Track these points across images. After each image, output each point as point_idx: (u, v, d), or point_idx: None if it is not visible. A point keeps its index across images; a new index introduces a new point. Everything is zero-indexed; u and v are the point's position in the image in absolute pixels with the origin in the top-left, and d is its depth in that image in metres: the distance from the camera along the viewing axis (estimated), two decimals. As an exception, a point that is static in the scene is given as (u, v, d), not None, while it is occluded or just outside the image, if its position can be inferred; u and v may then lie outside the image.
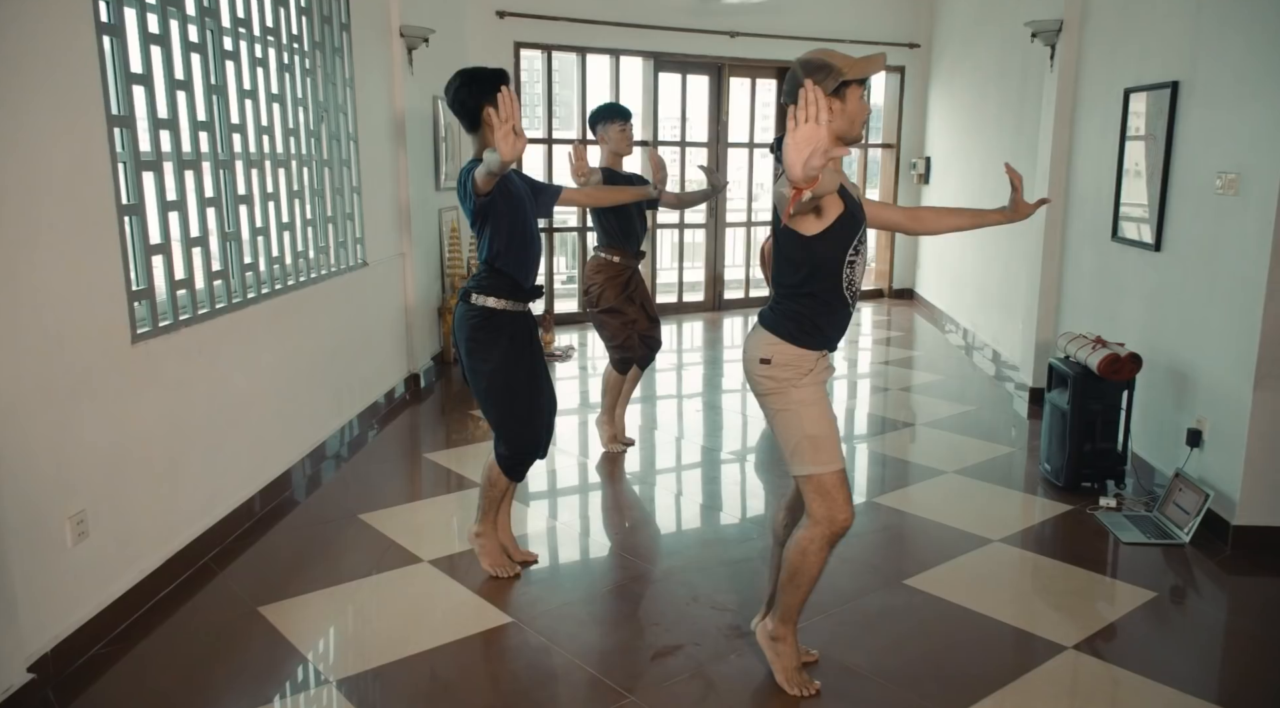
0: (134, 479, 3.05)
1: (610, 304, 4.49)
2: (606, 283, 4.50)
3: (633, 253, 4.56)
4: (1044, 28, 5.22)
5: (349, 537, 3.73)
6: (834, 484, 2.45)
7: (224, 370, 3.59)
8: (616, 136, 4.46)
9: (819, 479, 2.45)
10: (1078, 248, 5.22)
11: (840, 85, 2.35)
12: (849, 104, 2.37)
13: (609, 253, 4.50)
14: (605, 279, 4.50)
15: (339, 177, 4.79)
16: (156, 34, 3.15)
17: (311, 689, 2.70)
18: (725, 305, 9.11)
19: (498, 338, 3.13)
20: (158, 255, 3.18)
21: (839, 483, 2.46)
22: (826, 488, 2.45)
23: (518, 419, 3.21)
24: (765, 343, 2.49)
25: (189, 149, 3.38)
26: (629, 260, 4.54)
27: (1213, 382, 3.79)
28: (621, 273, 4.52)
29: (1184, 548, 3.66)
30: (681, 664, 2.80)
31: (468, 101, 3.06)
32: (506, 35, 7.38)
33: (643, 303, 4.66)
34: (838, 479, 2.46)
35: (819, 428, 2.45)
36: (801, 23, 8.41)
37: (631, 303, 4.58)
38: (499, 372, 3.14)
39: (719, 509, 4.14)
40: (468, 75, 3.08)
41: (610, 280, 4.50)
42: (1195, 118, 3.95)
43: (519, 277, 3.15)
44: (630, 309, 4.56)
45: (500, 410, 3.20)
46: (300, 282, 4.29)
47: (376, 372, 5.37)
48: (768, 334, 2.50)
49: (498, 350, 3.12)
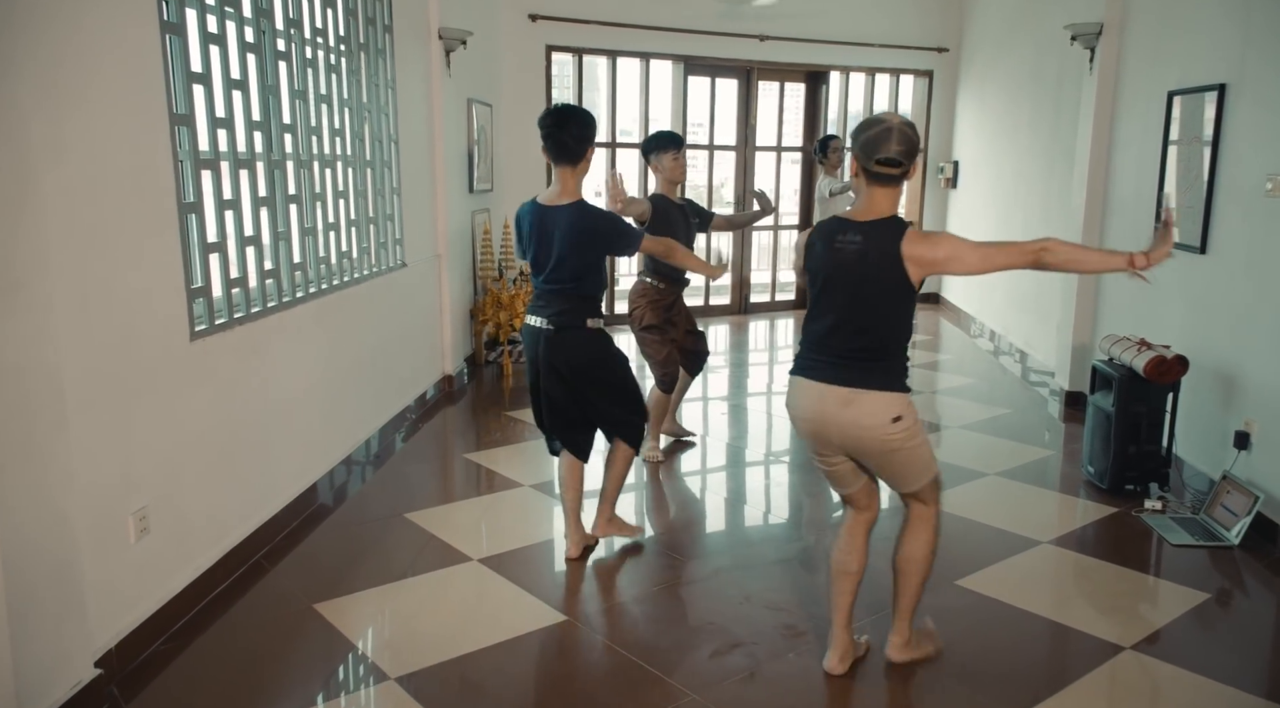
0: (191, 476, 3.08)
1: (651, 322, 4.51)
2: (648, 306, 4.53)
3: (677, 280, 4.57)
4: (1084, 30, 5.21)
5: (396, 535, 3.74)
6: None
7: (274, 368, 3.61)
8: (670, 165, 4.46)
9: (938, 476, 2.66)
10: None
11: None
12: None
13: (654, 279, 4.52)
14: (647, 302, 4.53)
15: (380, 178, 4.82)
16: (215, 34, 3.18)
17: (372, 687, 2.71)
18: (752, 309, 9.11)
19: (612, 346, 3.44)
20: (214, 254, 3.20)
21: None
22: (939, 479, 2.68)
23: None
24: (895, 404, 2.46)
25: (244, 149, 3.40)
26: (673, 287, 4.56)
27: (1261, 384, 3.76)
28: (664, 297, 4.53)
29: (1232, 550, 3.64)
30: (740, 663, 2.80)
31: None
32: (539, 38, 7.41)
33: (684, 324, 4.70)
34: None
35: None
36: (830, 27, 8.42)
37: (673, 325, 4.60)
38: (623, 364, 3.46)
39: (759, 508, 4.14)
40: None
41: (652, 304, 4.52)
42: (1244, 119, 3.94)
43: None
44: (671, 329, 4.59)
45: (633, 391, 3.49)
46: (344, 281, 4.32)
47: (413, 372, 5.40)
48: (890, 394, 2.46)
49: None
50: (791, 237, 9.36)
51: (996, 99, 7.74)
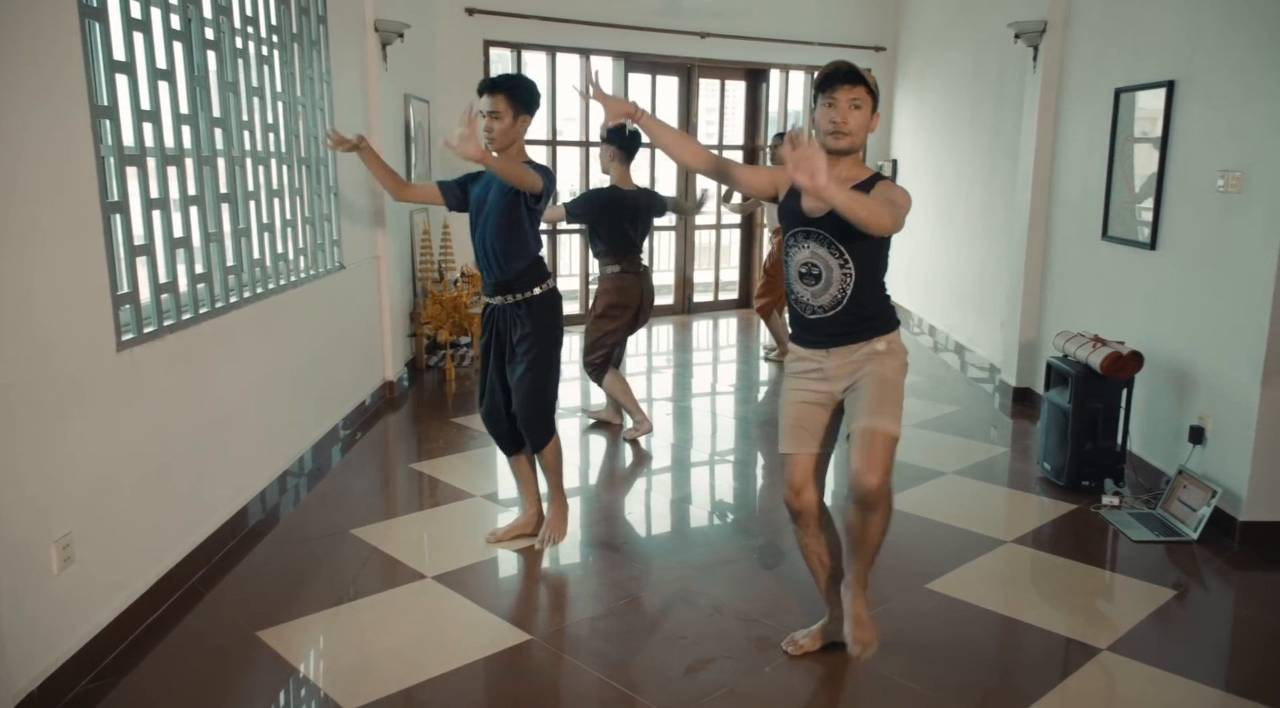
0: (120, 498, 2.84)
1: (602, 311, 4.50)
2: (610, 299, 4.67)
3: (634, 257, 4.59)
4: (1027, 28, 5.23)
5: (342, 553, 3.54)
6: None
7: (208, 378, 3.38)
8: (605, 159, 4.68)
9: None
10: (1063, 247, 5.24)
11: (815, 98, 2.53)
12: (816, 113, 2.51)
13: (610, 262, 4.54)
14: (612, 297, 4.64)
15: (316, 176, 4.59)
16: (139, 19, 2.94)
17: (326, 719, 2.53)
18: (695, 309, 9.03)
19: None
20: (141, 257, 2.97)
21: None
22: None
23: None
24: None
25: (172, 144, 3.17)
26: (631, 266, 4.54)
27: (1215, 379, 3.80)
28: (630, 287, 4.56)
29: (1192, 545, 3.66)
30: (717, 679, 2.69)
31: None
32: (476, 33, 7.20)
33: (635, 318, 4.79)
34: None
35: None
36: (770, 25, 8.38)
37: (627, 325, 4.74)
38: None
39: (717, 511, 4.04)
40: None
41: (615, 300, 4.64)
42: (1194, 117, 3.97)
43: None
44: (621, 322, 4.63)
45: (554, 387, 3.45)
46: (281, 285, 4.08)
47: (353, 379, 5.17)
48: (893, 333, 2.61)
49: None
50: (734, 235, 9.32)
51: (935, 97, 7.79)
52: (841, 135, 2.45)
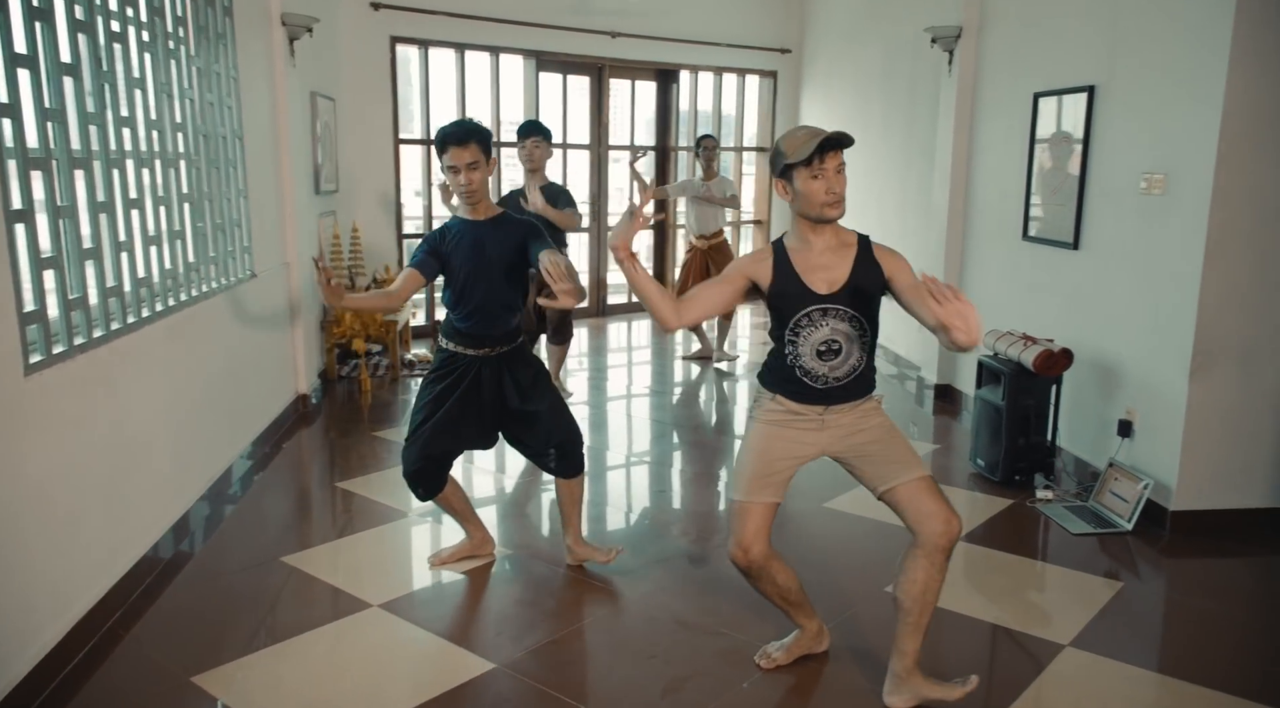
0: (28, 539, 2.55)
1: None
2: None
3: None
4: (943, 33, 5.34)
5: (276, 584, 3.30)
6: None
7: (120, 401, 3.09)
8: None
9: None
10: (983, 248, 5.37)
11: (785, 168, 2.39)
12: (798, 185, 2.38)
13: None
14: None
15: (226, 179, 4.29)
16: (39, 7, 2.66)
17: (283, 771, 2.33)
18: (609, 311, 8.94)
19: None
20: (49, 270, 2.69)
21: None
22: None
23: None
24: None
25: (78, 146, 2.88)
26: None
27: (1142, 374, 3.93)
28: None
29: (1126, 536, 3.78)
30: (695, 699, 2.60)
31: None
32: (382, 29, 6.92)
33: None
34: None
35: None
36: (679, 26, 8.37)
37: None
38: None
39: (658, 517, 3.96)
40: None
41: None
42: (1115, 120, 4.10)
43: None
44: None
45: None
46: (193, 296, 3.80)
47: (266, 394, 4.87)
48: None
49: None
50: (649, 238, 9.27)
51: (845, 99, 7.91)
52: (840, 203, 2.39)
